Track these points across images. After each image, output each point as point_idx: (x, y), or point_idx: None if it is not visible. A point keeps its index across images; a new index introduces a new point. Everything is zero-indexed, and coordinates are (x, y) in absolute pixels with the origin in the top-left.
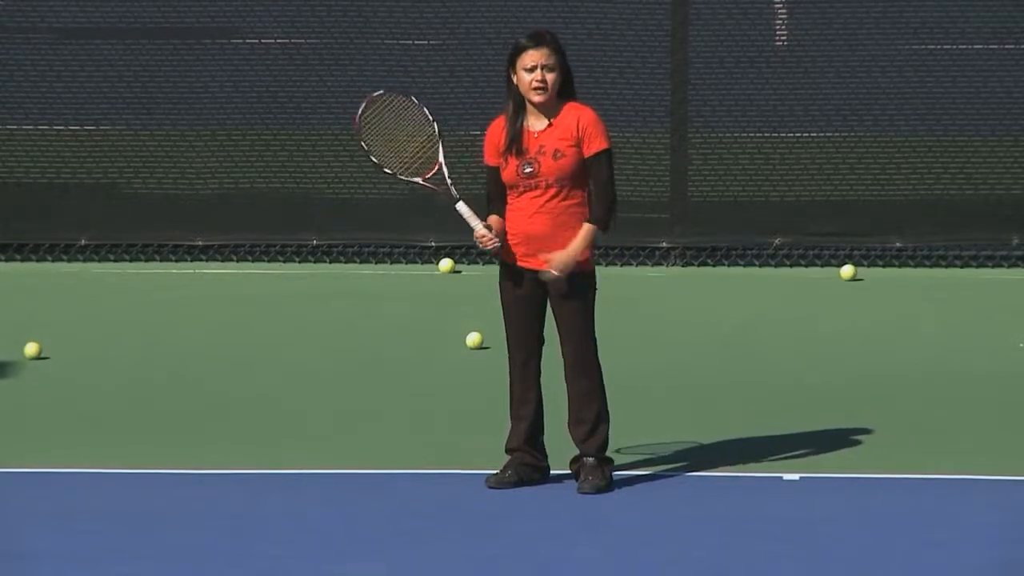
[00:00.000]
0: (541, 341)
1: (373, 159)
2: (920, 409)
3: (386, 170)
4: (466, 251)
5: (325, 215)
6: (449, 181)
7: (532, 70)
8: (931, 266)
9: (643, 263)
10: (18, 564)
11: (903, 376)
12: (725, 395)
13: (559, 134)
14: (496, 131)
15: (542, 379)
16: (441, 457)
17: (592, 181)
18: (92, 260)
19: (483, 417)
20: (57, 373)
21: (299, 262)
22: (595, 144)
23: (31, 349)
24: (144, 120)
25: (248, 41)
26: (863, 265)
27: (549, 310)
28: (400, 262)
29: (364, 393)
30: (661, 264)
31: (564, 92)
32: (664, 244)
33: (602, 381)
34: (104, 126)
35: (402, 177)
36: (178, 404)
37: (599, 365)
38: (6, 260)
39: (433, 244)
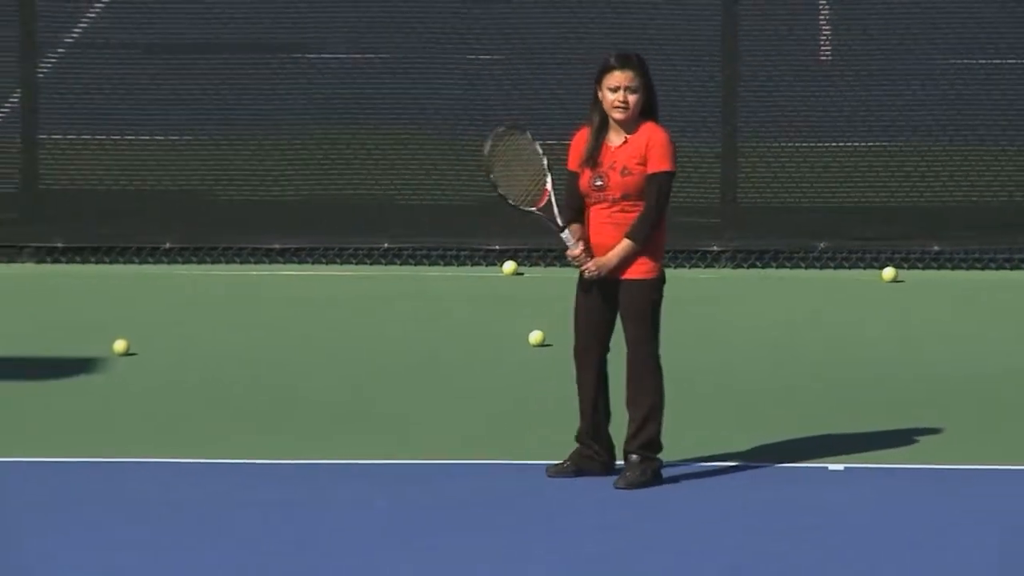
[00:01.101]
0: (606, 342)
1: (499, 191)
2: (958, 405)
3: (509, 201)
4: (528, 254)
5: (395, 220)
6: (556, 209)
7: (616, 90)
8: (968, 268)
9: (695, 265)
10: (107, 553)
11: (942, 373)
12: (773, 390)
13: (631, 152)
14: (580, 140)
15: (613, 376)
16: (505, 449)
17: (645, 197)
18: (176, 262)
19: (545, 411)
20: (144, 368)
21: (370, 264)
22: (657, 164)
23: (120, 346)
24: (224, 131)
25: (323, 56)
26: (903, 268)
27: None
28: (466, 264)
29: (430, 388)
30: (712, 266)
31: (646, 112)
32: (715, 247)
33: (658, 384)
34: (187, 136)
35: (522, 208)
36: (254, 399)
37: (656, 369)
38: (96, 262)
39: (497, 247)
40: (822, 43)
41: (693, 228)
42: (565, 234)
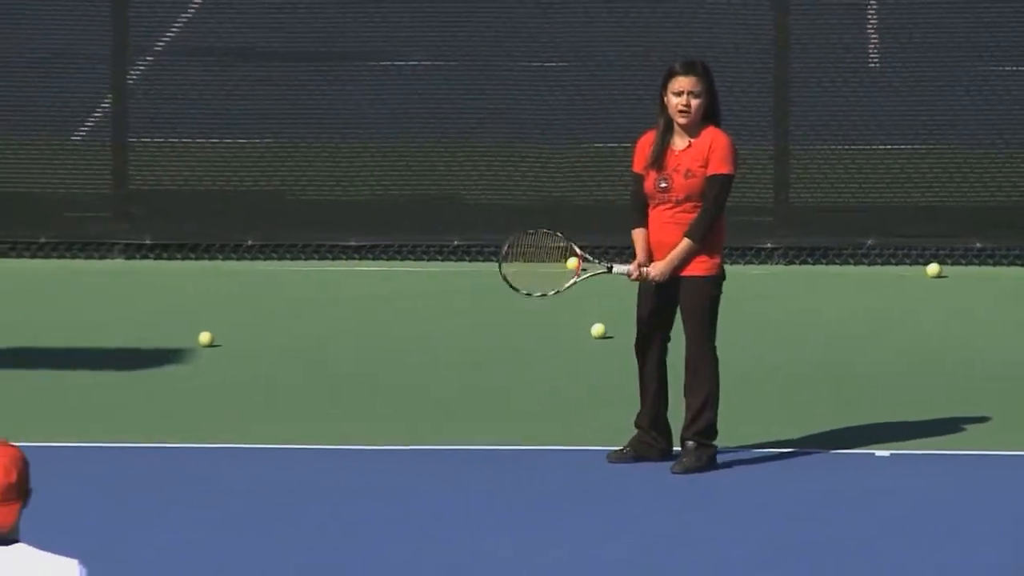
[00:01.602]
0: (666, 334)
1: (535, 295)
2: (1001, 394)
3: (548, 294)
4: (590, 251)
5: (464, 219)
6: (596, 260)
7: (679, 95)
8: (1009, 264)
9: (749, 262)
10: (194, 534)
11: (985, 364)
12: (823, 380)
13: (694, 155)
14: (645, 143)
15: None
16: (568, 435)
17: (704, 198)
18: (258, 258)
19: (606, 399)
20: (227, 359)
21: (441, 260)
22: (717, 167)
23: (205, 337)
24: (303, 134)
25: (396, 63)
26: (947, 263)
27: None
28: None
29: (498, 377)
30: (766, 263)
31: (708, 117)
32: (768, 244)
33: (714, 375)
34: (268, 140)
35: (561, 291)
36: (333, 386)
37: (713, 361)
38: (182, 259)
39: (561, 246)
40: (870, 50)
41: (748, 226)
42: (616, 269)
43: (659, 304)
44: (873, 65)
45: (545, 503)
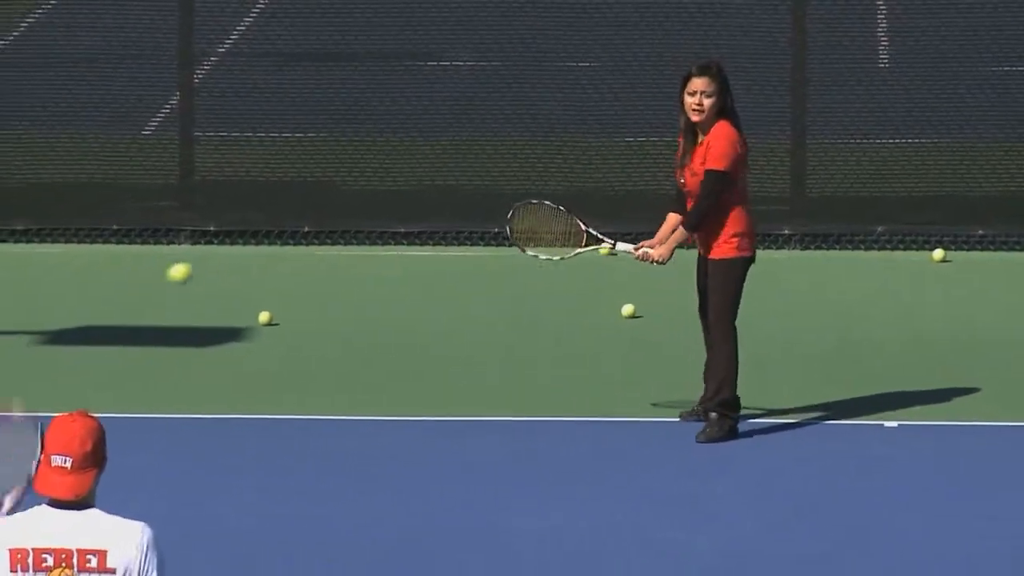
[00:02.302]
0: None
1: (541, 257)
2: (1002, 368)
3: (554, 259)
4: (621, 237)
5: (502, 207)
6: (600, 235)
7: (693, 94)
8: (1008, 250)
9: (768, 248)
10: (241, 498)
11: (987, 341)
12: (835, 356)
13: (702, 152)
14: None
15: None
16: (597, 408)
17: (701, 189)
18: (313, 244)
19: (635, 375)
20: (285, 336)
21: (483, 245)
22: (710, 163)
23: (264, 317)
24: (356, 128)
25: (441, 63)
26: (951, 249)
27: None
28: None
29: (533, 353)
30: (783, 248)
31: (722, 114)
32: (786, 231)
33: (733, 351)
34: (323, 133)
35: (568, 257)
36: (383, 362)
37: (731, 338)
38: (243, 244)
39: (594, 231)
40: (880, 52)
41: (767, 214)
42: (619, 246)
43: (701, 282)
44: (883, 65)
45: (573, 470)
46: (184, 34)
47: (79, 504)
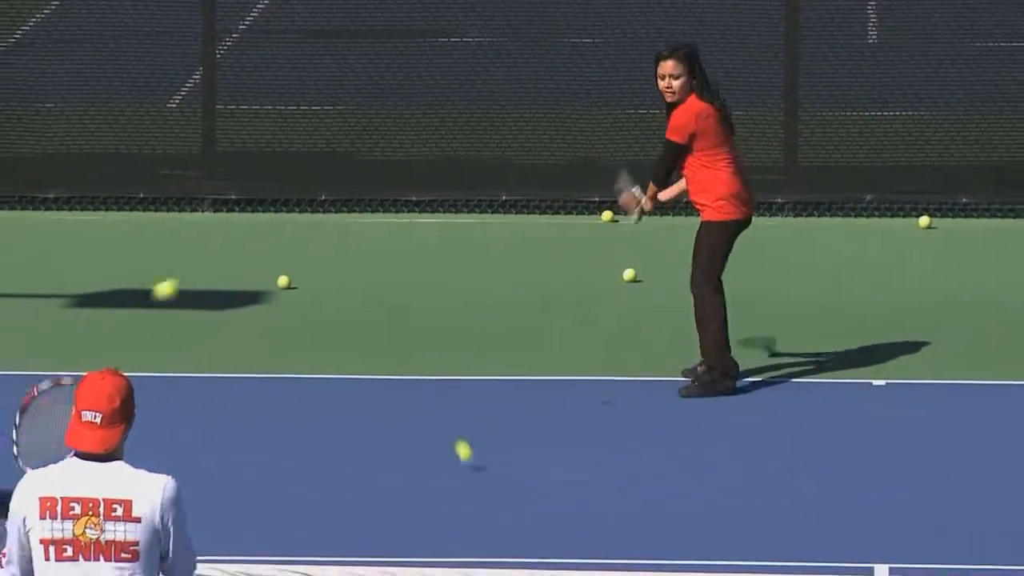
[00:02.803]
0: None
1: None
2: (984, 328)
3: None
4: (612, 203)
5: (512, 176)
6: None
7: (662, 78)
8: (990, 217)
9: (762, 215)
10: (260, 452)
11: (970, 302)
12: (826, 318)
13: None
14: None
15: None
16: (599, 367)
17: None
18: (329, 212)
19: (635, 335)
20: (303, 299)
21: (491, 213)
22: (667, 133)
23: (283, 281)
24: (370, 101)
25: (452, 39)
26: (936, 216)
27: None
28: (572, 214)
29: (538, 315)
30: (777, 215)
31: (693, 90)
32: (779, 199)
33: (715, 310)
34: (339, 106)
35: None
36: (393, 323)
37: (711, 298)
38: (263, 211)
39: (597, 199)
40: (870, 28)
41: (761, 183)
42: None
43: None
44: (872, 40)
45: (575, 425)
46: (207, 12)
47: (107, 457)
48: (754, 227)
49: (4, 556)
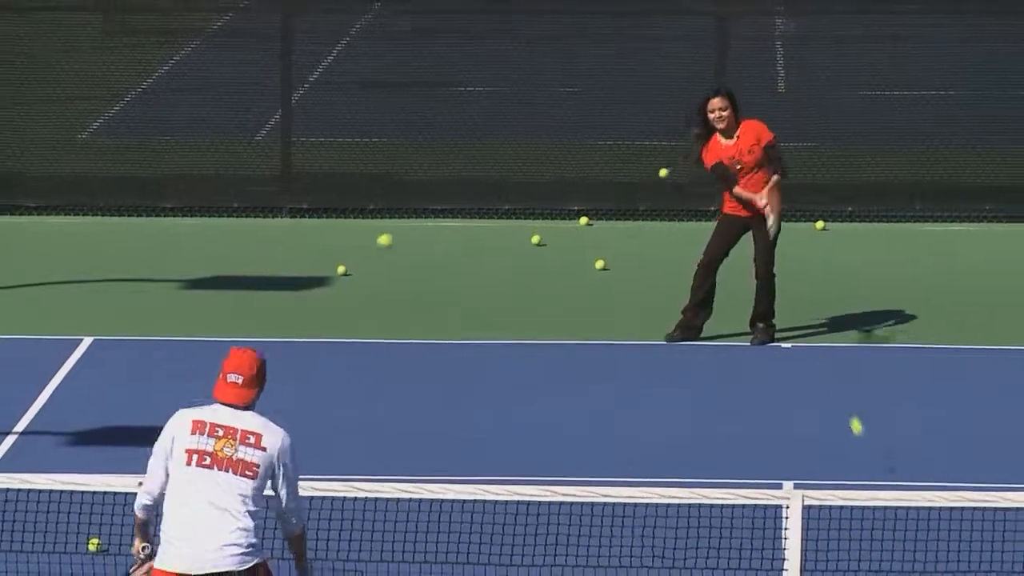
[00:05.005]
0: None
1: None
2: (870, 302)
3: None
4: (601, 214)
5: (511, 191)
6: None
7: (711, 111)
8: (871, 222)
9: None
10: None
11: (856, 283)
12: (747, 295)
13: (749, 139)
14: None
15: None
16: (580, 333)
17: (773, 154)
18: (379, 218)
19: (616, 308)
20: (356, 282)
21: (496, 219)
22: (765, 138)
23: (340, 269)
24: (406, 134)
25: (467, 88)
26: (829, 221)
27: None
28: (558, 218)
29: (529, 294)
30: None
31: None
32: (712, 208)
33: (774, 289)
34: (384, 139)
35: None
36: (425, 301)
37: (772, 279)
38: (328, 218)
39: (576, 208)
40: (779, 78)
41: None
42: (744, 195)
43: (730, 242)
44: (781, 89)
45: (571, 379)
46: (285, 67)
47: (244, 408)
48: (704, 232)
49: (141, 484)
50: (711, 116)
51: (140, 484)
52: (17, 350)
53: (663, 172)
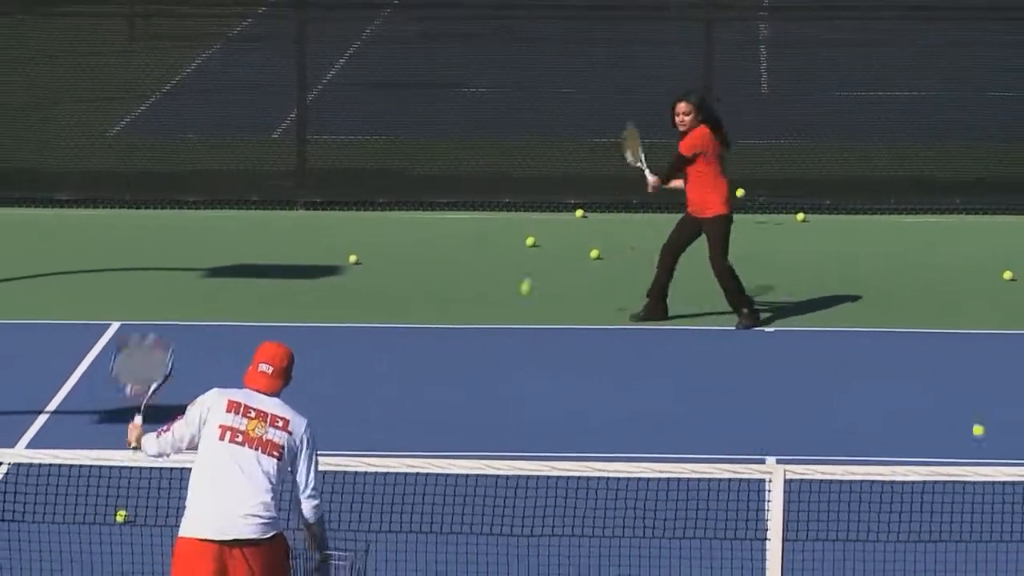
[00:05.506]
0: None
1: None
2: (845, 289)
3: (637, 164)
4: (591, 204)
5: (512, 185)
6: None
7: (676, 115)
8: (847, 215)
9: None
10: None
11: (832, 271)
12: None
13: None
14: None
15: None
16: (560, 319)
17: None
18: (387, 210)
19: (588, 302)
20: (365, 271)
21: (498, 211)
22: (679, 148)
23: (352, 258)
24: (414, 132)
25: (469, 89)
26: (809, 213)
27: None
28: (552, 211)
29: (540, 281)
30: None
31: (702, 122)
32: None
33: (732, 277)
34: (393, 136)
35: (632, 163)
36: (430, 289)
37: (728, 269)
38: (339, 210)
39: (572, 201)
40: (762, 80)
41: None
42: (648, 175)
43: (682, 234)
44: (764, 90)
45: (556, 363)
46: (300, 70)
47: (272, 396)
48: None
49: (163, 431)
50: (676, 118)
51: (158, 435)
52: (49, 333)
53: (525, 287)
